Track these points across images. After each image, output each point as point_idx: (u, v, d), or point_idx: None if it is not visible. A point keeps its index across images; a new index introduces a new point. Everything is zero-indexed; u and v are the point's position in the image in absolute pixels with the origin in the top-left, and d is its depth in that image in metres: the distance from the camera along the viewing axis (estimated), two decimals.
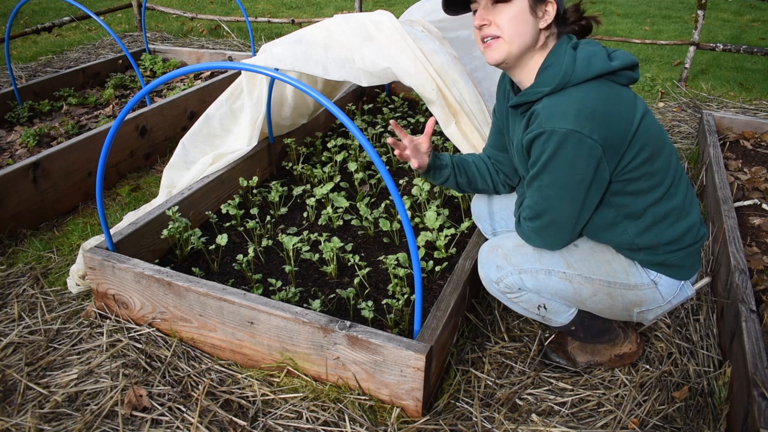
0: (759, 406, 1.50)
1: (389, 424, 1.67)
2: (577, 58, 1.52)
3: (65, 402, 1.78)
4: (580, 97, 1.48)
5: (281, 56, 2.27)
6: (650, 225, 1.60)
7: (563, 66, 1.51)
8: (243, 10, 3.99)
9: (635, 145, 1.52)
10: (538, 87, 1.56)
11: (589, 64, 1.50)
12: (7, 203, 2.56)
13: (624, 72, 1.53)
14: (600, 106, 1.46)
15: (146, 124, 3.31)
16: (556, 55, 1.55)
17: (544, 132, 1.48)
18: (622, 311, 1.71)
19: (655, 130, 1.57)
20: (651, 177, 1.56)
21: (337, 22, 2.33)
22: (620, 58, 1.54)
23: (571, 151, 1.47)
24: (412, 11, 2.86)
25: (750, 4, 7.83)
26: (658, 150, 1.57)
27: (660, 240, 1.61)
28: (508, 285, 1.70)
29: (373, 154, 1.44)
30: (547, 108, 1.50)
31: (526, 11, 1.54)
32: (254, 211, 2.52)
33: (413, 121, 3.55)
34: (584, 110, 1.45)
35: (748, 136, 3.48)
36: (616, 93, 1.51)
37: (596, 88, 1.49)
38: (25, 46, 5.59)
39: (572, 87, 1.50)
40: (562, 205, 1.55)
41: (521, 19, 1.54)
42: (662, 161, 1.58)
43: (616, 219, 1.61)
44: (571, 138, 1.45)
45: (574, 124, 1.44)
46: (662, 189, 1.58)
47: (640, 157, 1.53)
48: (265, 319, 1.78)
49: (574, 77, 1.50)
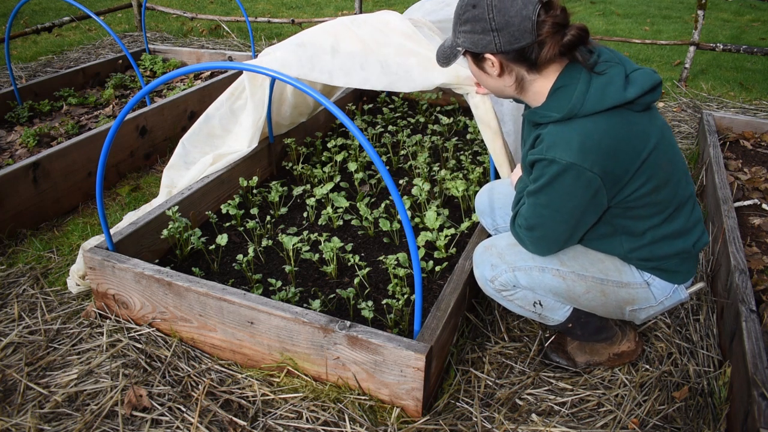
0: (759, 406, 1.50)
1: (389, 424, 1.67)
2: (590, 86, 1.45)
3: (65, 402, 1.78)
4: (587, 129, 1.44)
5: (285, 61, 2.25)
6: (647, 244, 1.61)
7: (574, 95, 1.45)
8: (243, 10, 3.99)
9: (641, 176, 1.49)
10: (546, 110, 1.52)
11: (602, 96, 1.44)
12: (7, 203, 2.55)
13: (642, 99, 1.46)
14: (605, 140, 1.43)
15: (146, 124, 3.31)
16: (570, 76, 1.49)
17: (545, 159, 1.47)
18: (615, 309, 1.72)
19: (666, 158, 1.52)
20: (653, 206, 1.55)
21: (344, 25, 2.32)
22: (638, 83, 1.46)
23: (569, 181, 1.46)
24: (413, 11, 2.85)
25: (750, 4, 7.83)
26: (665, 181, 1.53)
27: (654, 255, 1.62)
28: (503, 283, 1.70)
29: (373, 154, 1.44)
30: (551, 135, 1.48)
31: (476, 69, 1.60)
32: (254, 211, 2.52)
33: (413, 121, 3.55)
34: (588, 143, 1.42)
35: (748, 136, 3.48)
36: (627, 123, 1.45)
37: (606, 119, 1.44)
38: (25, 46, 5.59)
39: (581, 117, 1.45)
40: (555, 225, 1.56)
41: (477, 74, 1.62)
42: (667, 192, 1.54)
43: (614, 233, 1.62)
44: (571, 170, 1.44)
45: (576, 158, 1.42)
46: (664, 215, 1.57)
47: (645, 188, 1.50)
48: (265, 319, 1.78)
49: (584, 109, 1.44)
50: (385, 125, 3.53)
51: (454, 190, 2.55)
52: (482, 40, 1.48)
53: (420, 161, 2.87)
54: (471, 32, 1.49)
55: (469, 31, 1.49)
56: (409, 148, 3.13)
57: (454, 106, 3.82)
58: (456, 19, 1.53)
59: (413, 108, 3.87)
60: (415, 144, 3.16)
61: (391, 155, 3.10)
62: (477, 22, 1.47)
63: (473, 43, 1.50)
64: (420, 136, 3.19)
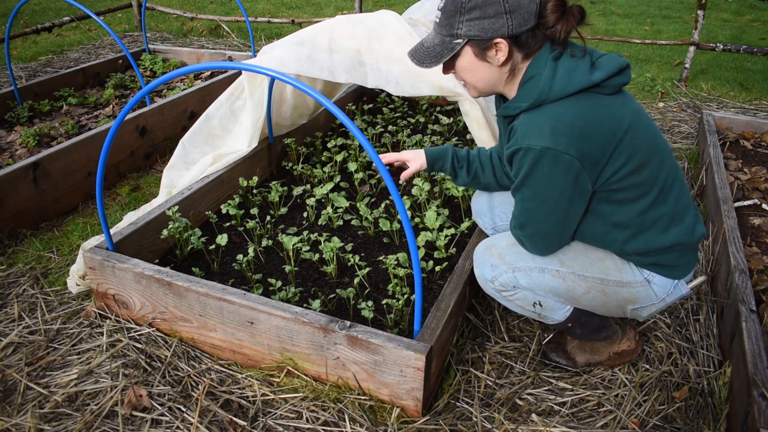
0: (759, 406, 1.50)
1: (389, 424, 1.67)
2: (556, 73, 1.48)
3: (65, 402, 1.78)
4: (557, 113, 1.46)
5: (283, 59, 2.26)
6: (637, 233, 1.60)
7: (541, 82, 1.48)
8: (243, 10, 3.99)
9: (619, 156, 1.49)
10: (517, 102, 1.55)
11: (568, 80, 1.46)
12: (7, 203, 2.56)
13: (609, 81, 1.49)
14: (577, 121, 1.44)
15: (146, 124, 3.31)
16: (537, 66, 1.52)
17: (521, 149, 1.48)
18: (616, 308, 1.72)
19: (645, 140, 1.53)
20: (636, 188, 1.54)
21: (341, 23, 2.32)
22: (604, 67, 1.48)
23: (547, 167, 1.46)
24: (412, 11, 2.86)
25: (750, 4, 7.83)
26: (646, 161, 1.53)
27: (650, 247, 1.61)
28: (503, 283, 1.70)
29: (373, 154, 1.44)
30: (523, 124, 1.50)
31: (474, 59, 1.56)
32: (254, 211, 2.52)
33: (413, 121, 3.55)
34: (560, 127, 1.44)
35: (748, 136, 3.48)
36: (598, 105, 1.47)
37: (575, 102, 1.46)
38: (25, 46, 5.59)
39: (550, 103, 1.48)
40: (544, 218, 1.56)
41: (472, 67, 1.58)
42: (649, 172, 1.54)
43: (604, 229, 1.62)
44: (547, 155, 1.44)
45: (549, 141, 1.44)
46: (650, 198, 1.56)
47: (625, 168, 1.50)
48: (265, 319, 1.78)
49: (552, 94, 1.47)
50: (385, 125, 3.53)
51: (454, 190, 2.55)
52: (494, 24, 1.47)
53: None
54: (480, 18, 1.48)
55: (477, 17, 1.48)
56: (409, 148, 3.13)
57: (454, 106, 3.82)
58: (455, 9, 1.50)
59: (413, 108, 3.87)
60: (415, 144, 3.16)
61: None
62: (489, 6, 1.46)
63: (482, 30, 1.49)
64: (420, 136, 3.19)
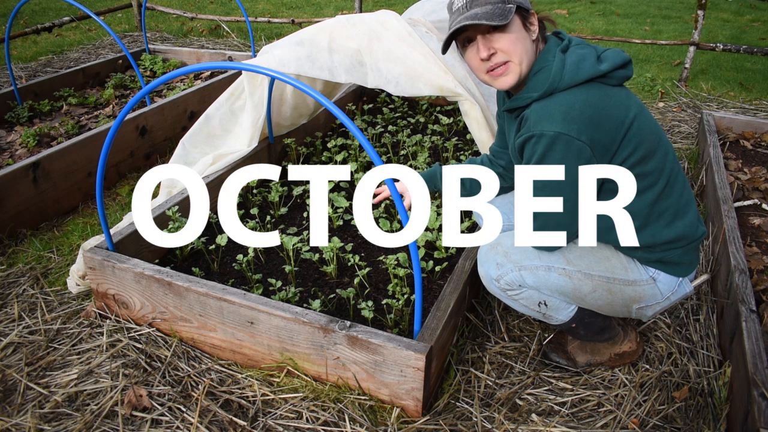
0: (759, 406, 1.50)
1: (389, 424, 1.67)
2: (566, 63, 1.53)
3: (65, 402, 1.78)
4: (568, 100, 1.50)
5: (283, 59, 2.26)
6: (644, 225, 1.62)
7: (552, 72, 1.53)
8: (243, 10, 3.99)
9: (627, 145, 1.53)
10: (528, 92, 1.59)
11: (578, 69, 1.52)
12: (7, 203, 2.55)
13: (615, 73, 1.55)
14: (587, 109, 1.48)
15: (146, 124, 3.31)
16: (546, 59, 1.58)
17: (533, 135, 1.52)
18: (622, 307, 1.72)
19: (650, 130, 1.58)
20: (645, 178, 1.58)
21: (341, 23, 2.32)
22: (610, 59, 1.55)
23: (559, 153, 1.49)
24: (412, 11, 2.86)
25: (750, 4, 7.83)
26: (652, 151, 1.57)
27: (656, 240, 1.63)
28: (509, 282, 1.70)
29: (373, 154, 1.44)
30: (535, 112, 1.53)
31: (522, 29, 1.58)
32: (254, 211, 2.52)
33: (413, 121, 3.55)
34: (571, 113, 1.47)
35: (748, 136, 3.48)
36: (605, 94, 1.52)
37: (585, 91, 1.51)
38: (25, 46, 5.59)
39: (560, 92, 1.52)
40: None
41: (521, 37, 1.58)
42: (655, 162, 1.58)
43: (611, 221, 1.62)
44: (559, 140, 1.47)
45: (561, 127, 1.47)
46: (657, 189, 1.59)
47: (633, 157, 1.54)
48: (265, 319, 1.78)
49: (563, 83, 1.52)
50: (385, 125, 3.53)
51: None
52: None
53: (420, 161, 2.87)
54: None
55: None
56: (409, 148, 3.13)
57: (454, 106, 3.82)
58: None
59: (413, 108, 3.87)
60: (415, 144, 3.16)
61: (391, 155, 3.10)
62: None
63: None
64: (420, 136, 3.19)
